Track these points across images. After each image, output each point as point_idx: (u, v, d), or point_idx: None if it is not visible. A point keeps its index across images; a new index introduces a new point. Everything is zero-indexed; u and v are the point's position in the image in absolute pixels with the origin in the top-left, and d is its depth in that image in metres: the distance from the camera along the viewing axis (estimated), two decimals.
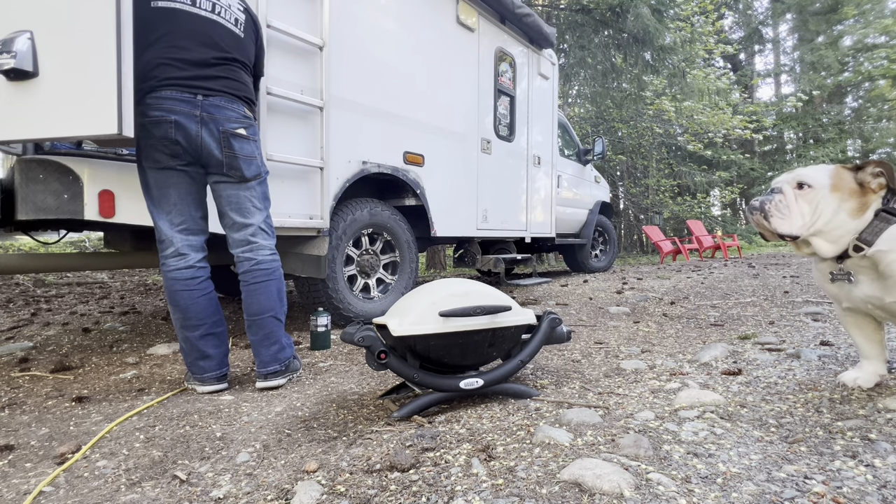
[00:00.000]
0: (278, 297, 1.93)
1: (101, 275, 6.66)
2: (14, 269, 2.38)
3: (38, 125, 1.55)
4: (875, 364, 1.52)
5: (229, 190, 1.86)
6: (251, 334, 1.88)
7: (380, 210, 3.15)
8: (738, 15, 20.00)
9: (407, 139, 3.34)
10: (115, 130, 1.49)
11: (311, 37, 2.65)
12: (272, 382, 1.87)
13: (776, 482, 0.99)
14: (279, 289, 1.94)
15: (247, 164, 1.86)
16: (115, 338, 2.83)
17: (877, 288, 1.34)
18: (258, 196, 1.93)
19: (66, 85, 1.52)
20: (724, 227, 16.21)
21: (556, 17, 10.66)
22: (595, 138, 6.41)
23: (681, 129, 13.39)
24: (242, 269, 1.90)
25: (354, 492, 1.03)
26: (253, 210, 1.90)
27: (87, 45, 1.50)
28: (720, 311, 3.14)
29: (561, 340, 1.70)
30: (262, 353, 1.87)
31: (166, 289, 1.82)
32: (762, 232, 1.42)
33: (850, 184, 1.31)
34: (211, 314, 1.84)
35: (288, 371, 1.93)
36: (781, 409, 1.40)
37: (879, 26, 15.96)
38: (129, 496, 1.07)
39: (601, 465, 1.04)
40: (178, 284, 1.80)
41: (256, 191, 1.92)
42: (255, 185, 1.91)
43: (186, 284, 1.80)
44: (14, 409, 1.69)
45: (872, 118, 18.83)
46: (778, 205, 1.35)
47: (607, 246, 6.89)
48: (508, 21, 4.39)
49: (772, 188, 1.42)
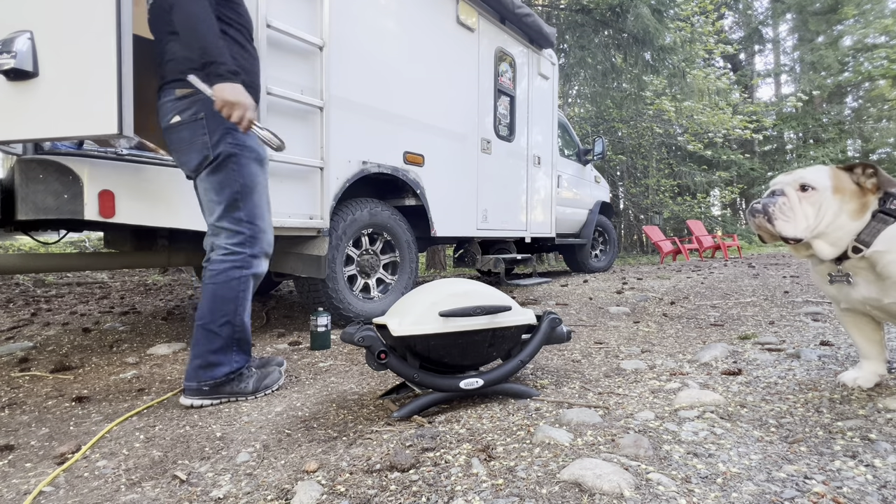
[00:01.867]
0: (211, 306, 1.64)
1: (101, 275, 6.66)
2: (14, 269, 2.38)
3: (38, 125, 1.55)
4: (875, 364, 1.52)
5: (198, 188, 1.74)
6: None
7: (380, 210, 3.15)
8: (738, 15, 20.01)
9: (407, 139, 3.34)
10: (115, 130, 1.49)
11: (311, 37, 2.65)
12: (187, 401, 1.64)
13: (776, 482, 0.99)
14: (222, 296, 1.64)
15: (188, 154, 1.65)
16: (115, 338, 2.83)
17: (874, 289, 1.35)
18: (214, 186, 1.66)
19: (66, 85, 1.52)
20: (724, 227, 16.21)
21: (556, 17, 10.66)
22: (595, 138, 6.41)
23: (681, 129, 13.39)
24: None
25: (354, 492, 1.03)
26: (212, 205, 1.68)
27: (87, 45, 1.50)
28: (720, 311, 3.14)
29: (561, 340, 1.70)
30: (188, 365, 1.66)
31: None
32: (762, 234, 1.40)
33: (850, 185, 1.31)
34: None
35: (216, 394, 1.65)
36: (781, 409, 1.40)
37: (879, 26, 15.96)
38: (129, 496, 1.07)
39: (601, 465, 1.04)
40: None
41: (210, 181, 1.66)
42: (206, 176, 1.66)
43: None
44: (14, 409, 1.69)
45: (872, 118, 18.83)
46: (782, 207, 1.34)
47: (607, 246, 6.89)
48: (508, 21, 4.39)
49: (772, 190, 1.40)
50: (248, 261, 1.70)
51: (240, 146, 1.69)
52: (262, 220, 1.75)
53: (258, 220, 1.73)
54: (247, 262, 1.70)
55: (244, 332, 1.72)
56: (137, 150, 2.26)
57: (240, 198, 1.68)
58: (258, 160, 1.76)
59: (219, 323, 1.65)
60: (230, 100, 1.54)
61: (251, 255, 1.71)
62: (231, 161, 1.66)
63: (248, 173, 1.71)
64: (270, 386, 1.77)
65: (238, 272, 1.67)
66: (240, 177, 1.68)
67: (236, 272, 1.67)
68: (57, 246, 5.89)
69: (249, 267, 1.71)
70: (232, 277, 1.66)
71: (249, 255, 1.70)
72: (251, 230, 1.71)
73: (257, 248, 1.73)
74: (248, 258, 1.70)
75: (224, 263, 1.66)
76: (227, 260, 1.67)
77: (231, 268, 1.66)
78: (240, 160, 1.69)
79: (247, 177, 1.70)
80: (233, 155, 1.67)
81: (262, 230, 1.74)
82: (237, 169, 1.68)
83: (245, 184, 1.69)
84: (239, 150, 1.69)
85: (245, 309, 1.71)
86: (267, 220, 1.78)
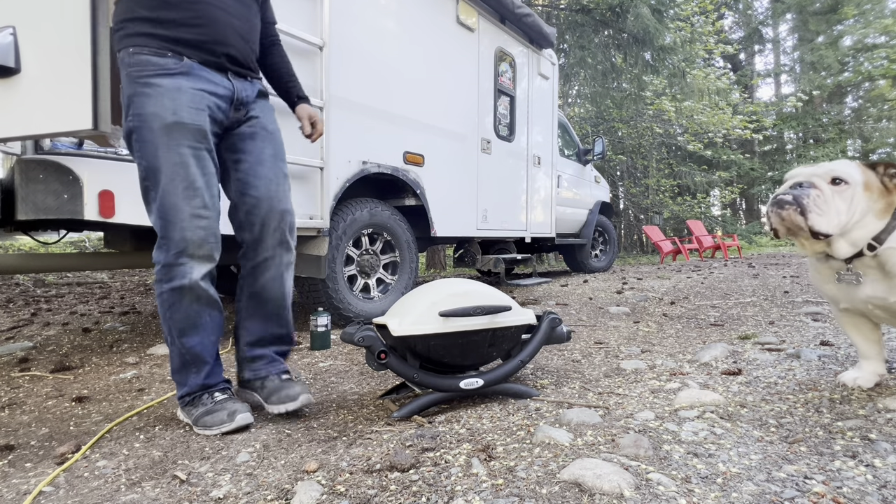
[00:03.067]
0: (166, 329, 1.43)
1: (101, 275, 6.66)
2: (14, 269, 2.38)
3: (19, 122, 1.52)
4: (874, 364, 1.52)
5: None
6: None
7: (380, 210, 3.15)
8: (738, 15, 20.02)
9: (407, 139, 3.34)
10: (89, 126, 1.45)
11: (311, 37, 2.65)
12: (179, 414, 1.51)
13: (776, 482, 0.99)
14: (162, 316, 1.42)
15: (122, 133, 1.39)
16: (115, 338, 2.83)
17: (881, 288, 1.33)
18: (139, 176, 1.38)
19: (45, 80, 1.49)
20: (724, 227, 16.22)
21: (556, 17, 10.66)
22: (595, 138, 6.41)
23: (681, 129, 13.40)
24: None
25: (354, 492, 1.03)
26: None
27: (64, 40, 1.47)
28: (720, 311, 3.14)
29: (561, 340, 1.70)
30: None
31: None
32: (783, 229, 1.30)
33: (878, 183, 1.27)
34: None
35: (183, 412, 1.47)
36: (781, 409, 1.40)
37: (879, 26, 15.96)
38: (129, 496, 1.07)
39: (601, 465, 1.04)
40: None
41: (139, 169, 1.37)
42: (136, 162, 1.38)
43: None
44: (14, 409, 1.69)
45: (872, 118, 18.83)
46: (816, 200, 1.24)
47: (607, 246, 6.89)
48: (508, 21, 4.39)
49: (797, 182, 1.33)
50: (163, 272, 1.37)
51: (138, 115, 1.35)
52: (173, 211, 1.35)
53: (169, 213, 1.35)
54: (162, 273, 1.37)
55: (191, 353, 1.44)
56: None
57: (149, 186, 1.36)
58: (164, 127, 1.34)
59: (168, 342, 1.45)
60: None
61: (164, 263, 1.37)
62: (133, 140, 1.37)
63: (149, 151, 1.35)
64: (208, 426, 1.39)
65: (159, 287, 1.39)
66: (141, 158, 1.36)
67: (158, 288, 1.39)
68: (57, 246, 5.89)
69: (168, 279, 1.37)
70: (158, 294, 1.39)
71: (163, 265, 1.37)
72: (161, 228, 1.36)
73: (171, 253, 1.36)
74: (162, 269, 1.37)
75: (156, 283, 1.40)
76: (156, 278, 1.39)
77: (156, 282, 1.39)
78: (141, 134, 1.35)
79: (148, 156, 1.35)
80: (132, 131, 1.36)
81: (172, 225, 1.35)
82: (138, 148, 1.36)
83: (148, 166, 1.35)
84: (138, 121, 1.35)
85: (183, 330, 1.42)
86: (183, 210, 1.35)
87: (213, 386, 1.48)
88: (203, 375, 1.47)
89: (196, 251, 1.38)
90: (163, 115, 1.34)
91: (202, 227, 1.38)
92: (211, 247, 1.42)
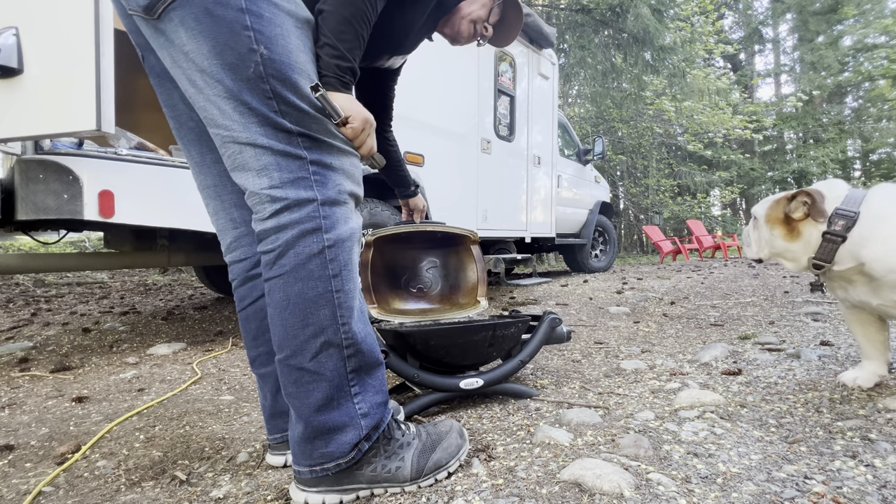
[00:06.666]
0: (285, 323, 0.95)
1: (101, 275, 6.66)
2: (14, 269, 2.38)
3: (22, 123, 1.53)
4: (875, 364, 1.52)
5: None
6: None
7: (380, 210, 3.15)
8: (738, 15, 20.03)
9: (406, 139, 3.34)
10: (93, 126, 1.46)
11: None
12: (301, 496, 0.97)
13: (776, 482, 0.99)
14: (301, 298, 0.95)
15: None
16: (115, 338, 2.83)
17: (863, 291, 1.38)
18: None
19: (49, 81, 1.49)
20: (724, 227, 16.22)
21: (556, 17, 10.66)
22: (595, 138, 6.41)
23: (681, 129, 13.40)
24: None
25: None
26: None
27: (68, 41, 1.47)
28: (720, 311, 3.14)
29: (561, 340, 1.70)
30: (290, 434, 1.01)
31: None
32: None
33: (779, 214, 1.47)
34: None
35: (350, 484, 0.97)
36: (781, 409, 1.40)
37: (879, 26, 15.96)
38: (129, 496, 1.07)
39: (601, 465, 1.04)
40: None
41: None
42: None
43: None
44: (14, 409, 1.69)
45: (872, 118, 18.84)
46: (746, 235, 1.63)
47: (607, 246, 6.89)
48: None
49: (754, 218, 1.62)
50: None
51: None
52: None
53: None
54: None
55: (361, 347, 0.97)
56: (137, 150, 2.26)
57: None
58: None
59: (310, 351, 0.93)
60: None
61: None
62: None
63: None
64: (444, 465, 1.03)
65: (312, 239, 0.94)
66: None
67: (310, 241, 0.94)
68: (57, 246, 5.89)
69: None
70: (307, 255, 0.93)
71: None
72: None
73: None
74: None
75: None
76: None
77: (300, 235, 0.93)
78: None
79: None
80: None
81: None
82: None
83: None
84: None
85: (351, 306, 0.97)
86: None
87: (388, 408, 1.04)
88: (382, 389, 1.03)
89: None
90: None
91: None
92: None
